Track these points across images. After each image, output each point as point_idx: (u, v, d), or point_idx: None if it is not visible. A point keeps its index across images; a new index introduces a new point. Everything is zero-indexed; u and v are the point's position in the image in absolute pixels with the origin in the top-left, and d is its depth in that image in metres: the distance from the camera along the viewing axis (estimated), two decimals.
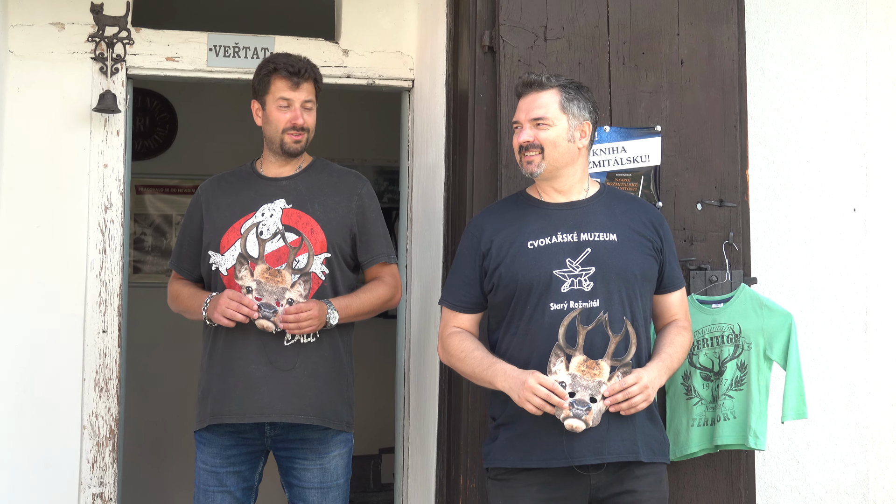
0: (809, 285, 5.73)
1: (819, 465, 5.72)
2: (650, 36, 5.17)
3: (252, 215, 4.94)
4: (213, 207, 5.05)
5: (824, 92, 5.80)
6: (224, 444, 4.97)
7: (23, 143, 5.71)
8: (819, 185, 5.78)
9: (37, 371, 5.71)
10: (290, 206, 4.99)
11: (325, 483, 5.01)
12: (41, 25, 5.80)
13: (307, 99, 5.04)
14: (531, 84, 4.54)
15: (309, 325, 4.79)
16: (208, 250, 5.00)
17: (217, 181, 5.18)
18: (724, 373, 4.92)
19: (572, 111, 4.50)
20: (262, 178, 5.09)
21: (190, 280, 5.15)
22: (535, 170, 4.49)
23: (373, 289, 5.08)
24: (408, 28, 6.09)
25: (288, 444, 4.97)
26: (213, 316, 4.85)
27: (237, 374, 4.88)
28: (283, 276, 4.79)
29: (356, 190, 5.11)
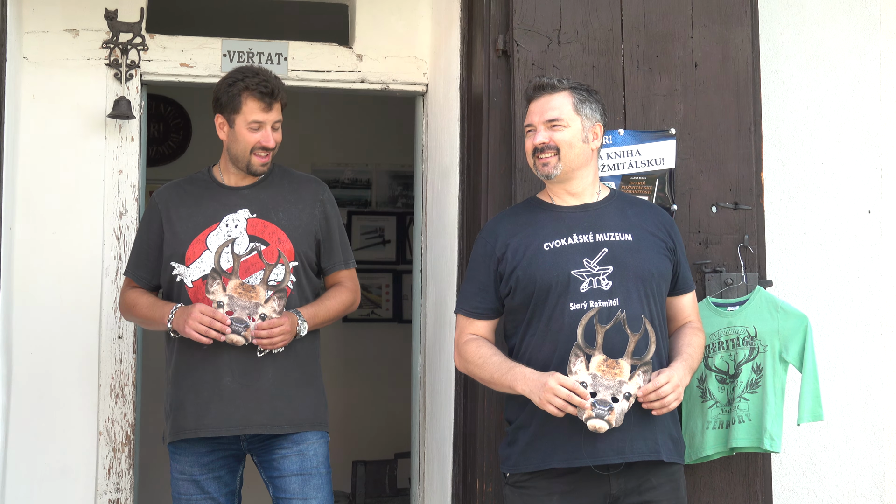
0: (825, 287, 5.72)
1: (836, 467, 5.72)
2: (664, 39, 5.18)
3: (216, 226, 4.92)
4: (173, 217, 4.99)
5: (838, 94, 5.79)
6: (200, 452, 4.96)
7: (38, 149, 5.72)
8: (834, 187, 5.77)
9: (53, 377, 5.71)
10: (255, 215, 4.97)
11: (304, 469, 4.97)
12: (55, 32, 5.81)
13: (277, 119, 5.00)
14: (543, 87, 4.55)
15: (282, 340, 4.80)
16: (171, 261, 4.95)
17: (174, 188, 5.12)
18: (739, 375, 4.91)
19: (585, 112, 4.52)
20: (222, 186, 5.06)
21: (146, 289, 5.09)
22: (551, 171, 4.50)
23: (336, 295, 5.08)
24: (421, 32, 6.10)
25: (264, 443, 4.97)
26: (181, 329, 4.80)
27: (210, 387, 4.86)
28: (258, 291, 4.77)
29: (318, 196, 5.10)
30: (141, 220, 5.11)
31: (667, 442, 4.45)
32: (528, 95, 4.61)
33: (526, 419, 4.46)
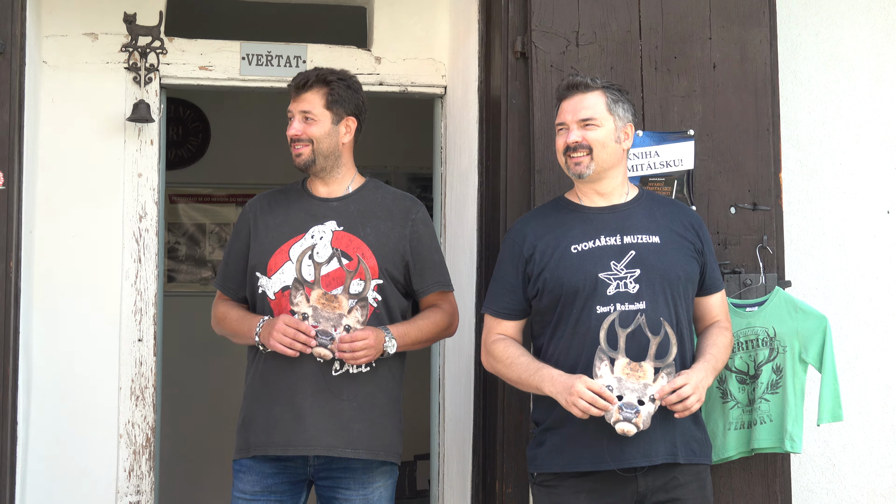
0: (844, 288, 5.72)
1: (855, 467, 5.71)
2: (682, 40, 5.18)
3: (301, 237, 4.75)
4: (261, 226, 4.84)
5: (857, 94, 5.79)
6: (265, 473, 4.77)
7: (58, 153, 5.74)
8: (852, 187, 5.77)
9: (73, 380, 5.73)
10: (341, 228, 4.79)
11: None
12: (74, 36, 5.83)
13: (305, 110, 4.81)
14: (576, 86, 4.55)
15: (364, 355, 4.60)
16: (255, 272, 4.80)
17: (266, 198, 4.96)
18: (759, 376, 4.92)
19: (618, 112, 4.53)
20: (312, 197, 4.89)
21: (236, 300, 4.92)
22: (583, 171, 4.51)
23: (430, 316, 4.88)
24: (440, 35, 6.11)
25: (331, 474, 4.77)
26: (267, 342, 4.65)
27: (283, 403, 4.69)
28: (340, 301, 4.60)
29: (410, 215, 4.89)
30: (233, 232, 4.97)
31: (689, 443, 4.46)
32: (560, 94, 4.60)
33: (554, 421, 4.47)
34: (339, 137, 4.84)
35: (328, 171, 4.86)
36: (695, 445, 4.49)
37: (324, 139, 4.81)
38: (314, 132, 4.80)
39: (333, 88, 4.84)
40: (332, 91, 4.83)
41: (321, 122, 4.81)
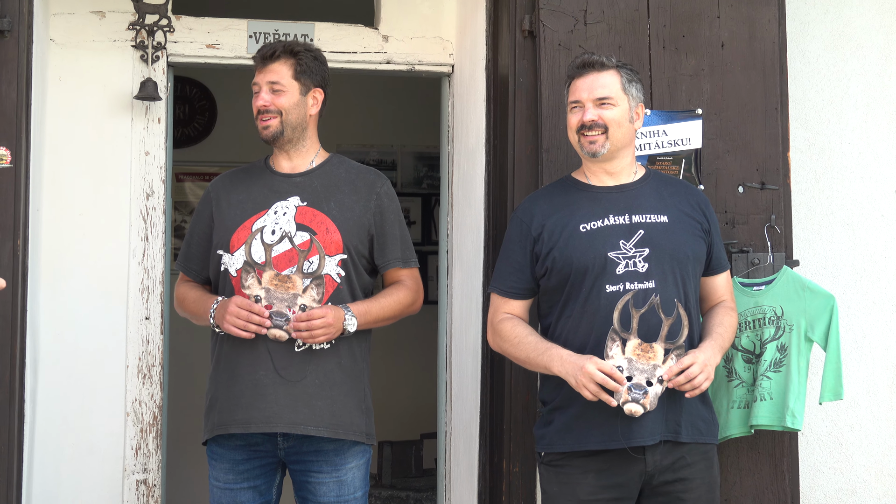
0: (852, 267, 5.72)
1: (862, 447, 5.72)
2: (690, 18, 5.18)
3: (265, 213, 4.71)
4: (223, 204, 4.80)
5: (865, 73, 5.78)
6: (236, 459, 4.76)
7: (65, 131, 5.74)
8: (860, 166, 5.77)
9: (80, 358, 5.74)
10: (305, 203, 4.76)
11: (341, 497, 4.76)
12: (82, 14, 5.82)
13: (272, 80, 4.76)
14: (591, 64, 4.54)
15: (323, 333, 4.56)
16: (217, 249, 4.76)
17: (229, 177, 4.92)
18: (763, 354, 4.92)
19: (631, 92, 4.54)
20: (275, 173, 4.85)
21: (197, 282, 4.90)
22: (598, 150, 4.51)
23: (393, 293, 4.84)
24: (447, 13, 6.10)
25: (302, 457, 4.75)
26: (221, 324, 4.65)
27: (244, 381, 4.66)
28: (294, 280, 4.58)
29: (375, 189, 4.85)
30: (195, 213, 4.94)
31: (695, 422, 4.48)
32: (573, 72, 4.59)
33: (562, 401, 4.48)
34: (306, 109, 4.81)
35: (294, 144, 4.82)
36: (701, 425, 4.50)
37: (292, 110, 4.77)
38: (282, 103, 4.76)
39: (301, 59, 4.79)
40: (300, 62, 4.79)
41: (289, 93, 4.77)
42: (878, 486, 5.72)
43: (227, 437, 4.74)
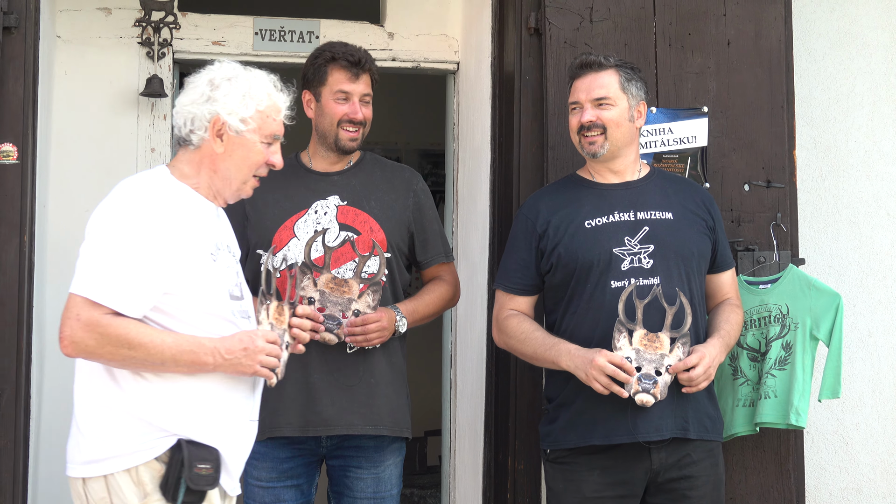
0: (857, 266, 5.72)
1: (868, 446, 5.72)
2: (696, 17, 5.17)
3: (304, 212, 4.69)
4: (259, 203, 4.66)
5: (871, 72, 5.78)
6: (280, 458, 4.74)
7: (72, 127, 5.75)
8: (866, 165, 5.76)
9: None
10: (345, 202, 4.74)
11: (378, 493, 4.80)
12: (88, 11, 5.83)
13: (365, 92, 4.79)
14: (589, 65, 4.55)
15: (378, 337, 4.58)
16: (257, 249, 4.70)
17: None
18: (768, 352, 4.93)
19: (631, 91, 4.54)
20: (311, 172, 4.82)
21: None
22: (598, 150, 4.51)
23: (436, 289, 4.86)
24: (453, 11, 6.10)
25: (343, 453, 4.77)
26: None
27: (295, 383, 4.61)
28: (350, 285, 4.56)
29: (411, 186, 4.87)
30: None
31: (702, 419, 4.49)
32: (573, 72, 4.60)
33: (567, 397, 4.48)
34: None
35: None
36: (707, 422, 4.51)
37: (369, 123, 4.84)
38: (369, 115, 4.82)
39: (374, 72, 4.86)
40: (375, 74, 4.86)
41: (370, 106, 4.84)
42: (884, 484, 5.73)
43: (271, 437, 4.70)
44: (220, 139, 3.87)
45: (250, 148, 3.91)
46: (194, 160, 3.91)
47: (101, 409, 3.82)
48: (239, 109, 3.86)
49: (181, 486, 3.73)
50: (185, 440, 3.77)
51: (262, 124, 3.91)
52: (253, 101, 3.89)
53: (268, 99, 3.94)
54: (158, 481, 3.73)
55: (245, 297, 4.00)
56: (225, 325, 3.86)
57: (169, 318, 3.77)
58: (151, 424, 3.75)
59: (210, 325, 3.83)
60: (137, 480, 3.74)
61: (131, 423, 3.75)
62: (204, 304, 3.83)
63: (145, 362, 3.72)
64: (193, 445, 3.78)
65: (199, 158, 3.91)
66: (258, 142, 3.91)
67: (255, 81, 3.94)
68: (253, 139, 3.90)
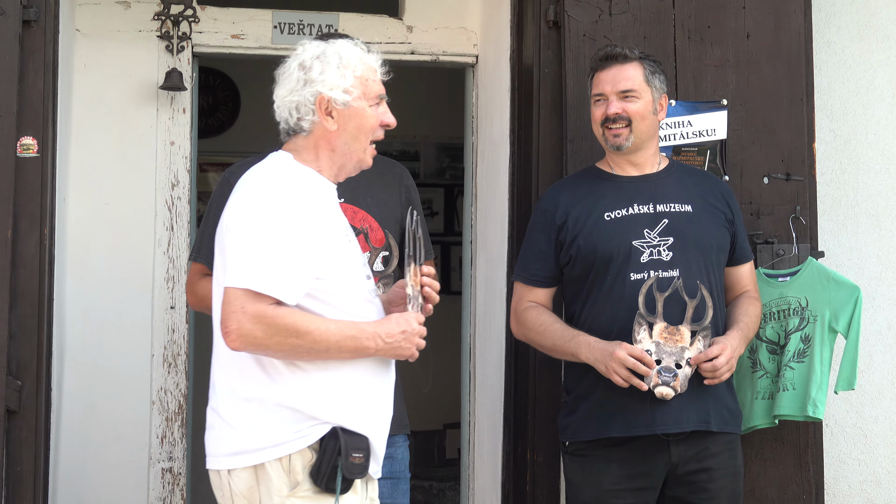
0: (877, 259, 5.71)
1: (887, 438, 5.71)
2: (715, 9, 5.17)
3: None
4: None
5: (892, 64, 5.76)
6: None
7: (91, 120, 5.76)
8: (886, 158, 5.75)
9: (106, 347, 5.76)
10: (343, 200, 4.52)
11: (394, 474, 4.77)
12: (107, 4, 5.84)
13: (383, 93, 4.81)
14: (614, 57, 4.55)
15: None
16: None
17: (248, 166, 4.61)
18: (787, 344, 4.93)
19: (655, 84, 4.56)
20: None
21: None
22: (623, 143, 4.53)
23: None
24: (471, 4, 6.10)
25: None
26: None
27: None
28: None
29: (403, 181, 4.85)
30: (211, 201, 4.73)
31: (721, 412, 4.49)
32: (596, 64, 4.60)
33: (586, 389, 4.49)
34: None
35: None
36: (727, 415, 4.52)
37: None
38: None
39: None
40: None
41: None
42: None
43: None
44: (331, 116, 3.88)
45: (361, 115, 3.92)
46: (309, 145, 3.93)
47: (253, 400, 3.79)
48: (339, 82, 3.87)
49: (338, 474, 3.75)
50: (340, 428, 3.79)
51: (365, 89, 3.92)
52: (349, 70, 3.89)
53: (361, 63, 3.94)
54: (309, 469, 3.74)
55: (371, 277, 4.03)
56: (367, 307, 3.89)
57: (321, 303, 3.77)
58: (304, 414, 3.75)
59: (356, 308, 3.85)
60: (289, 469, 3.74)
61: (284, 414, 3.75)
62: (349, 286, 3.85)
63: (310, 351, 3.71)
64: (347, 434, 3.79)
65: (315, 141, 3.92)
66: (366, 107, 3.92)
67: (343, 51, 3.94)
68: (361, 106, 3.91)
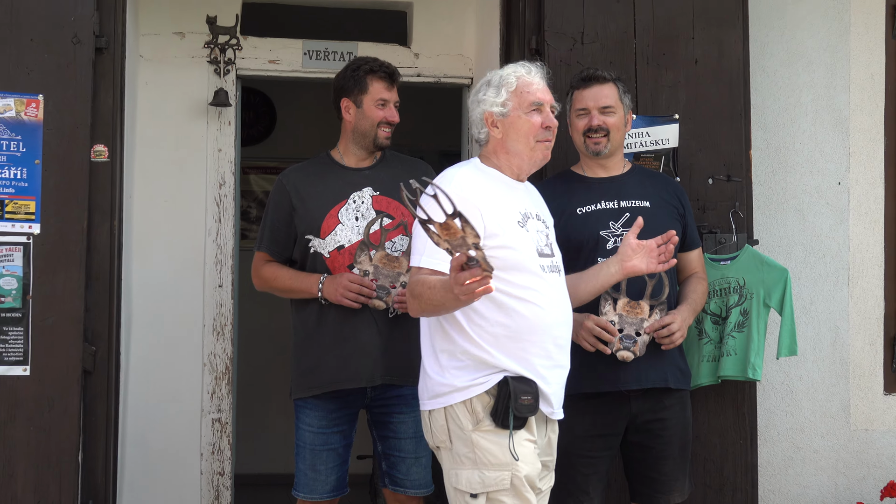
0: (802, 246, 5.69)
1: (809, 393, 5.71)
2: (669, 40, 5.14)
3: (345, 202, 4.67)
4: (304, 196, 4.71)
5: (814, 86, 5.74)
6: (329, 409, 4.71)
7: (152, 131, 5.77)
8: (809, 163, 5.74)
9: (165, 318, 5.77)
10: (378, 193, 4.75)
11: (418, 433, 4.70)
12: (165, 35, 5.84)
13: (397, 100, 4.83)
14: (595, 78, 4.56)
15: None
16: (305, 235, 4.70)
17: (300, 171, 4.85)
18: (729, 317, 4.92)
19: (625, 102, 4.58)
20: (345, 168, 4.80)
21: (280, 262, 4.79)
22: (601, 149, 4.53)
23: None
24: (468, 35, 6.08)
25: (386, 401, 4.75)
26: (332, 296, 4.60)
27: (352, 343, 4.65)
28: (401, 262, 4.57)
29: (427, 175, 4.82)
30: (269, 200, 4.82)
31: (675, 372, 4.51)
32: (577, 83, 4.59)
33: None
34: None
35: None
36: (679, 374, 4.53)
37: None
38: (398, 119, 4.86)
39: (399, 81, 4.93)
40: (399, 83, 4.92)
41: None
42: (822, 425, 5.72)
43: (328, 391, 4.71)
44: (497, 127, 4.08)
45: (518, 122, 4.07)
46: (490, 150, 4.14)
47: (441, 354, 3.98)
48: (496, 99, 4.09)
49: (510, 414, 3.87)
50: (511, 376, 3.90)
51: (519, 100, 4.08)
52: (504, 87, 4.10)
53: (516, 80, 4.11)
54: (489, 410, 3.89)
55: (555, 255, 4.11)
56: (530, 277, 3.97)
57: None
58: (484, 364, 3.90)
59: (517, 277, 3.94)
60: (472, 410, 3.90)
61: (467, 364, 3.92)
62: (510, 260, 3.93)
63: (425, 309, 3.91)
64: (517, 380, 3.91)
65: (493, 147, 4.12)
66: (522, 115, 4.06)
67: (503, 73, 4.16)
68: (517, 114, 4.07)
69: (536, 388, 3.95)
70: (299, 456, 4.81)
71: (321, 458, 4.77)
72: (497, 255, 3.87)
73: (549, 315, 4.02)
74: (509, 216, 4.01)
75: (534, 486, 3.98)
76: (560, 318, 4.04)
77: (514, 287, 3.96)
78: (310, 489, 4.80)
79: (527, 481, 3.95)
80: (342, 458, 4.81)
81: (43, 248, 4.70)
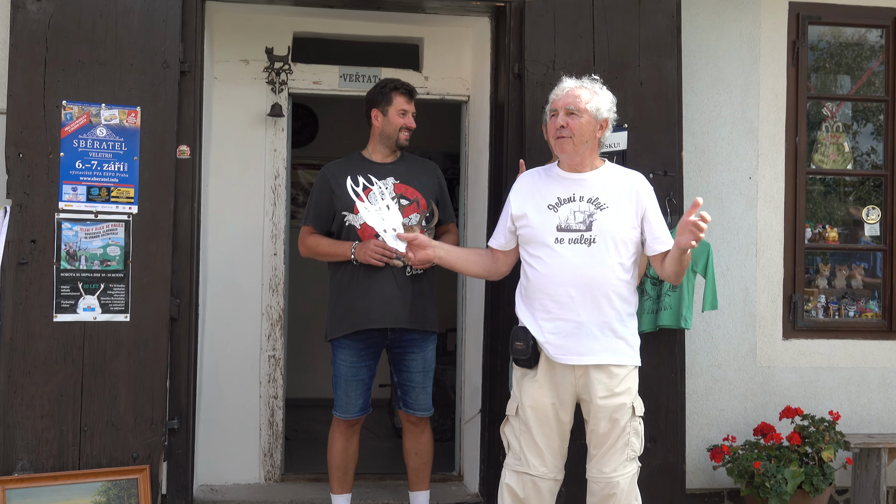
0: (721, 226, 5.69)
1: (725, 339, 5.73)
2: (621, 66, 5.13)
3: (372, 188, 4.65)
4: (341, 183, 4.71)
5: (731, 103, 5.75)
6: (359, 347, 4.77)
7: (224, 135, 5.76)
8: (727, 162, 5.75)
9: (233, 278, 5.78)
10: (398, 181, 4.80)
11: (425, 367, 4.86)
12: (234, 62, 5.83)
13: (414, 111, 4.91)
14: None
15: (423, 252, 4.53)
16: (342, 212, 4.75)
17: (338, 166, 4.87)
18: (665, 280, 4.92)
19: None
20: (373, 163, 4.85)
21: (321, 233, 4.85)
22: None
23: (450, 238, 4.86)
24: (466, 62, 6.07)
25: (402, 343, 4.80)
26: (362, 257, 4.66)
27: (377, 293, 4.69)
28: (414, 230, 4.55)
29: (436, 172, 4.98)
30: (314, 187, 4.87)
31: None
32: None
33: None
34: None
35: None
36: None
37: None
38: (414, 125, 4.92)
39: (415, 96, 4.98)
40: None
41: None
42: (735, 363, 5.75)
43: (355, 332, 4.75)
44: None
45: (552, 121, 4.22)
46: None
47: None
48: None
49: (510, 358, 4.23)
50: (518, 326, 4.11)
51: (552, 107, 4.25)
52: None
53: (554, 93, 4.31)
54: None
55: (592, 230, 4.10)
56: (542, 248, 4.09)
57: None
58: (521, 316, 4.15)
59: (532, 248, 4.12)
60: None
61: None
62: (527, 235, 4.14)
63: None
64: (517, 329, 4.11)
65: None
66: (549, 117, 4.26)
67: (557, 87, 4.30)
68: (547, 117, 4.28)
69: (531, 337, 3.98)
70: (336, 384, 4.85)
71: (352, 386, 4.81)
72: (522, 232, 4.12)
73: (547, 278, 4.03)
74: (541, 202, 4.11)
75: (545, 415, 4.03)
76: (562, 280, 4.01)
77: (528, 256, 4.11)
78: (344, 410, 4.85)
79: (531, 410, 4.04)
80: (367, 386, 4.86)
81: (140, 224, 4.73)
